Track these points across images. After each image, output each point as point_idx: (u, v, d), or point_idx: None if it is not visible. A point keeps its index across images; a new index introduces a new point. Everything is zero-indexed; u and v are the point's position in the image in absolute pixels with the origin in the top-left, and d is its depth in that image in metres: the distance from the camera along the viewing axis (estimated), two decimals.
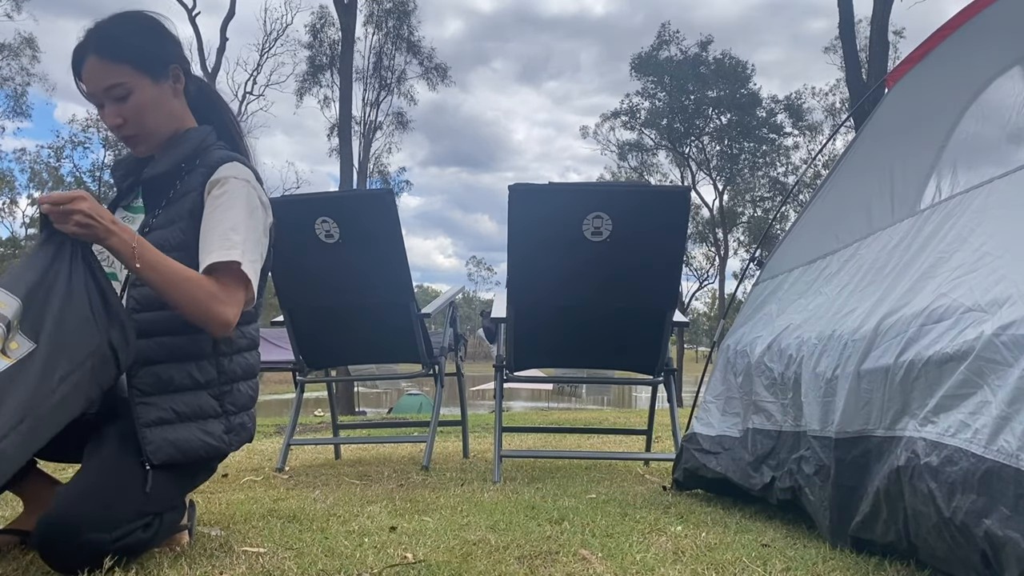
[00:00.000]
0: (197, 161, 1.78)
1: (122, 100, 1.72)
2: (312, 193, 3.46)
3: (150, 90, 1.74)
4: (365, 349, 3.65)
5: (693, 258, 35.85)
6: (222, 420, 1.73)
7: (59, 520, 1.46)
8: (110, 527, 1.49)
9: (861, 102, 9.92)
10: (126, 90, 1.72)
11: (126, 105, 1.73)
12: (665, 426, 4.76)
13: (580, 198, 2.92)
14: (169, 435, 1.64)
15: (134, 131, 1.76)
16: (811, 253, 2.57)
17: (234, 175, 1.74)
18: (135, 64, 1.72)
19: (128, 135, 1.76)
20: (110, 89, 1.72)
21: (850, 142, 2.91)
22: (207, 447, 1.70)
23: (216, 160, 1.77)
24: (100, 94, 1.73)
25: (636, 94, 31.84)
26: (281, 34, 29.94)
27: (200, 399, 1.70)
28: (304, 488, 2.76)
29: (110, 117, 1.74)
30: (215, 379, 1.72)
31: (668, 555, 1.70)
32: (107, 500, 1.53)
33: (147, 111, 1.75)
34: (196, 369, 1.70)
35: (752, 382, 2.33)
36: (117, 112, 1.73)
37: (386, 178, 30.86)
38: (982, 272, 1.51)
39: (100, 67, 1.71)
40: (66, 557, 1.47)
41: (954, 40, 2.37)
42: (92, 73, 1.72)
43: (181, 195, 1.75)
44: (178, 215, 1.73)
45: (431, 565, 1.58)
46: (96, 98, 1.75)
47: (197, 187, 1.74)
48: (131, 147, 1.80)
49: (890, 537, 1.56)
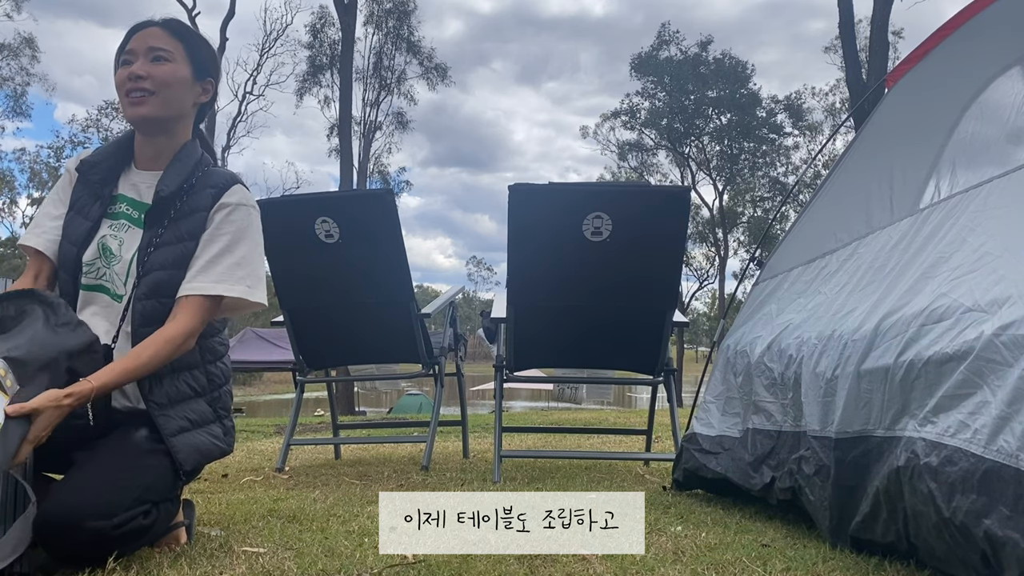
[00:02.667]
0: (195, 178, 1.80)
1: (159, 62, 1.76)
2: (312, 193, 3.46)
3: (186, 75, 1.80)
4: (365, 349, 3.65)
5: (693, 258, 35.87)
6: (218, 424, 1.82)
7: (59, 509, 1.48)
8: (110, 514, 1.51)
9: (861, 102, 9.92)
10: (169, 57, 1.77)
11: (160, 67, 1.76)
12: (665, 426, 4.76)
13: (580, 198, 2.92)
14: (191, 441, 1.73)
15: (151, 88, 1.75)
16: (811, 252, 2.57)
17: (244, 202, 1.80)
18: (189, 50, 1.80)
19: (143, 89, 1.75)
20: (155, 49, 1.76)
21: (850, 142, 2.91)
22: (218, 450, 1.80)
23: (222, 181, 1.81)
24: (142, 51, 1.76)
25: (636, 94, 31.87)
26: (281, 34, 30.08)
27: (200, 406, 1.79)
28: (304, 488, 2.76)
29: (139, 67, 1.75)
30: (207, 386, 1.81)
31: (668, 555, 1.70)
32: (106, 488, 1.55)
33: (173, 85, 1.77)
34: (191, 378, 1.78)
35: (752, 382, 2.33)
36: (147, 68, 1.75)
37: (386, 178, 30.91)
38: (982, 272, 1.51)
39: (159, 33, 1.78)
40: (69, 545, 1.48)
41: (954, 40, 2.37)
42: (147, 35, 1.77)
43: (187, 213, 1.77)
44: (189, 233, 1.75)
45: (431, 565, 1.58)
46: (133, 55, 1.76)
47: (205, 207, 1.77)
48: (132, 104, 1.76)
49: (890, 537, 1.56)
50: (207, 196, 1.78)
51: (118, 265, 1.76)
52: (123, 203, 1.82)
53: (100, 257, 1.78)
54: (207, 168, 1.84)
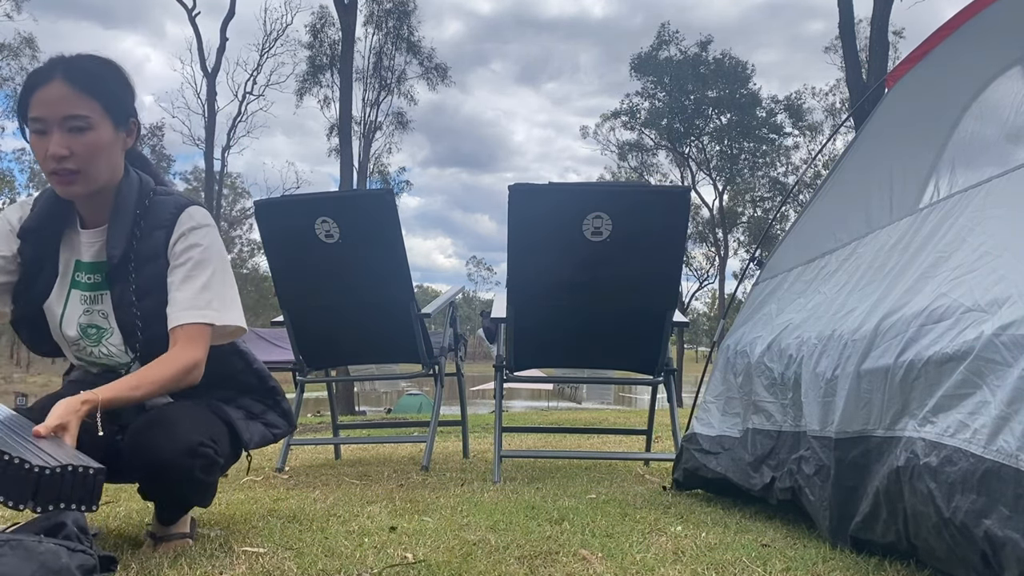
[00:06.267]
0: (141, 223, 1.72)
1: (77, 133, 1.60)
2: (312, 193, 3.46)
3: (109, 134, 1.65)
4: (365, 349, 3.65)
5: (693, 258, 35.86)
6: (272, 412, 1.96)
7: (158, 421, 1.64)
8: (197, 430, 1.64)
9: (861, 102, 9.92)
10: (87, 125, 1.61)
11: (80, 139, 1.60)
12: (665, 426, 4.76)
13: (580, 198, 2.92)
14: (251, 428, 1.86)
15: (77, 167, 1.61)
16: (810, 252, 2.57)
17: (198, 223, 1.73)
18: (105, 105, 1.63)
19: (68, 170, 1.61)
20: (70, 119, 1.59)
21: (850, 142, 2.91)
22: (273, 436, 1.93)
23: (167, 217, 1.72)
24: (54, 120, 1.59)
25: (636, 94, 31.88)
26: (281, 34, 30.02)
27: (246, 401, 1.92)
28: (304, 488, 2.76)
29: (56, 146, 1.58)
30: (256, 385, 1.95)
31: (668, 555, 1.70)
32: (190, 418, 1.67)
33: (100, 153, 1.63)
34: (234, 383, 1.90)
35: (752, 382, 2.33)
36: (67, 143, 1.59)
37: (386, 178, 30.91)
38: (982, 272, 1.51)
39: (68, 94, 1.59)
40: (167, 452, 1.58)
41: (954, 40, 2.37)
42: (55, 97, 1.59)
43: (147, 260, 1.70)
44: (155, 284, 1.70)
45: (431, 565, 1.58)
46: (44, 123, 1.59)
47: (161, 251, 1.71)
48: (61, 184, 1.63)
49: (890, 537, 1.56)
50: (160, 237, 1.71)
51: (112, 337, 1.75)
52: (82, 272, 1.75)
53: (83, 338, 1.76)
54: (150, 200, 1.74)
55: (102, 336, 1.76)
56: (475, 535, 1.88)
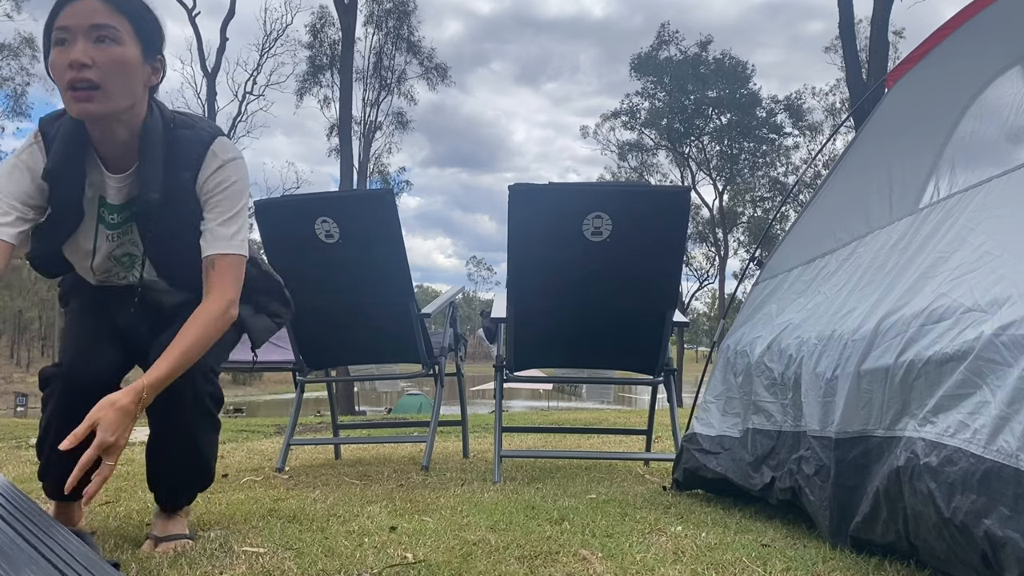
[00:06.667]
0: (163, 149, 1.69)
1: (103, 43, 1.52)
2: (312, 193, 3.46)
3: (136, 55, 1.57)
4: (365, 349, 3.65)
5: (693, 258, 35.88)
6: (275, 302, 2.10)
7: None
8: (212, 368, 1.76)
9: (861, 102, 9.92)
10: (115, 37, 1.53)
11: (106, 51, 1.52)
12: (665, 426, 4.76)
13: (580, 198, 2.92)
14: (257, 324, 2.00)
15: (97, 80, 1.52)
16: (810, 252, 2.57)
17: (224, 160, 1.72)
18: (136, 26, 1.57)
19: (87, 81, 1.52)
20: (98, 27, 1.51)
21: (850, 142, 2.91)
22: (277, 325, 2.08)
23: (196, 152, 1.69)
24: (80, 29, 1.51)
25: (636, 94, 31.92)
26: (281, 34, 29.96)
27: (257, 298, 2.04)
28: (304, 488, 2.76)
29: (79, 52, 1.49)
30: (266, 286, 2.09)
31: (668, 555, 1.70)
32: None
33: (123, 70, 1.55)
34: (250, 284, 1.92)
35: (752, 382, 2.33)
36: (90, 52, 1.50)
37: (386, 178, 30.92)
38: (982, 272, 1.51)
39: (100, 8, 1.52)
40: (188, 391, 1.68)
41: (954, 40, 2.37)
42: (86, 8, 1.51)
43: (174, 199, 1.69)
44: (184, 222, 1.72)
45: (431, 565, 1.58)
46: (69, 32, 1.51)
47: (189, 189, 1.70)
48: (77, 100, 1.54)
49: (890, 537, 1.56)
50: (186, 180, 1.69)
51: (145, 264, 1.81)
52: (109, 211, 1.74)
53: (117, 265, 1.82)
54: (174, 135, 1.69)
55: (134, 262, 1.81)
56: (475, 535, 1.88)
